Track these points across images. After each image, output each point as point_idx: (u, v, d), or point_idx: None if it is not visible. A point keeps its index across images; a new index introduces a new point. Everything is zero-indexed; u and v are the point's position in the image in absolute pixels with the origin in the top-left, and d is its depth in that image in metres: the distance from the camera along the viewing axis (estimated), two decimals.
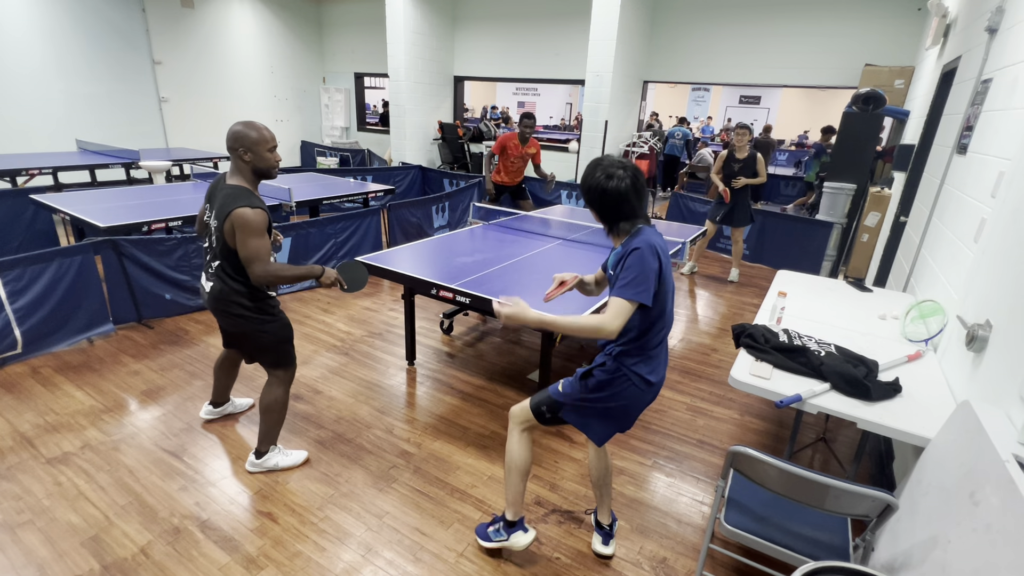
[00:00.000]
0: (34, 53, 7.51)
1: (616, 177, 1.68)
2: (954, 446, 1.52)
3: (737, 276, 5.66)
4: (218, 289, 2.24)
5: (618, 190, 1.68)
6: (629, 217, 1.73)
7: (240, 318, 2.27)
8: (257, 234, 2.11)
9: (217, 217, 2.16)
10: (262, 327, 2.30)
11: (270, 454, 2.49)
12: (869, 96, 5.38)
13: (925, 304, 2.39)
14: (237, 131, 2.15)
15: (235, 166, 2.21)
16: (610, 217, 1.75)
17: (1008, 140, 2.16)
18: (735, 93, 19.69)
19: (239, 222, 2.08)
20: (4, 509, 2.19)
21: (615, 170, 1.69)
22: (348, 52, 11.24)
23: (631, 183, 1.69)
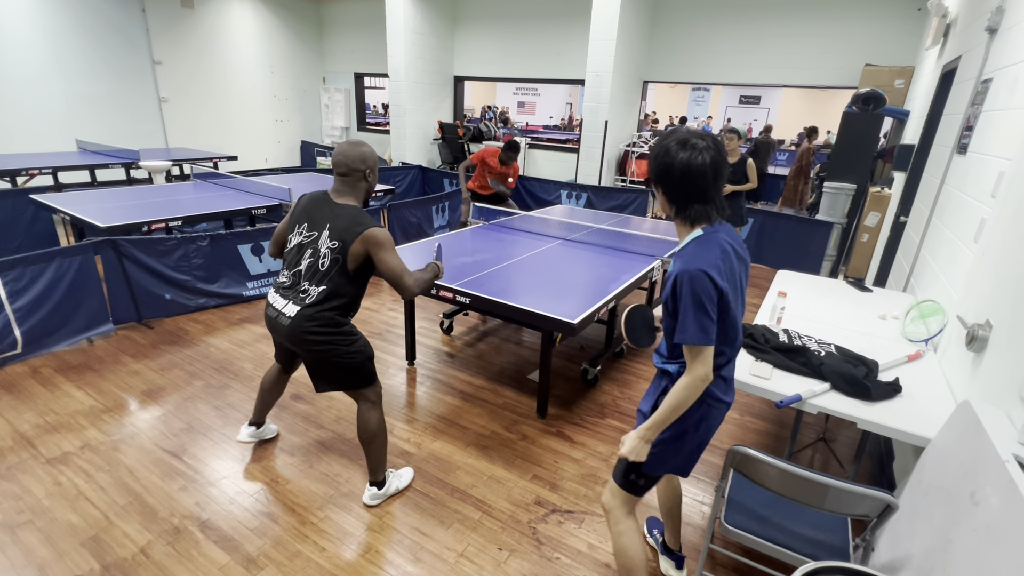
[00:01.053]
0: (34, 53, 7.51)
1: (695, 148, 1.39)
2: (954, 446, 1.52)
3: None
4: (310, 313, 2.06)
5: (689, 164, 1.39)
6: (698, 201, 1.44)
7: (328, 343, 2.11)
8: (395, 251, 2.11)
9: (338, 238, 2.05)
10: (350, 348, 2.16)
11: (388, 480, 2.37)
12: (869, 96, 5.38)
13: (925, 304, 2.39)
14: (365, 152, 2.12)
15: (346, 186, 2.13)
16: (673, 198, 1.47)
17: (1008, 140, 2.16)
18: (735, 93, 19.69)
19: (379, 241, 2.05)
20: (4, 509, 2.19)
21: (696, 140, 1.40)
22: (348, 52, 11.24)
23: (711, 159, 1.39)
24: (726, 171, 1.44)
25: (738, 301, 1.50)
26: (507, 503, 2.36)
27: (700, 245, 1.44)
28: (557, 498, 2.41)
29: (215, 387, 3.17)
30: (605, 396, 3.27)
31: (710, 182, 1.41)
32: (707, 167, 1.39)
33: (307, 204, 2.18)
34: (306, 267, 2.10)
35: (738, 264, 1.50)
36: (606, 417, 3.05)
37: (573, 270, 3.35)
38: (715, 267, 1.40)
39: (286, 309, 2.11)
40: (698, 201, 1.44)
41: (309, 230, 2.12)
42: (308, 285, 2.09)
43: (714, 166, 1.40)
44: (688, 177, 1.40)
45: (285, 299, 2.13)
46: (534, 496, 2.41)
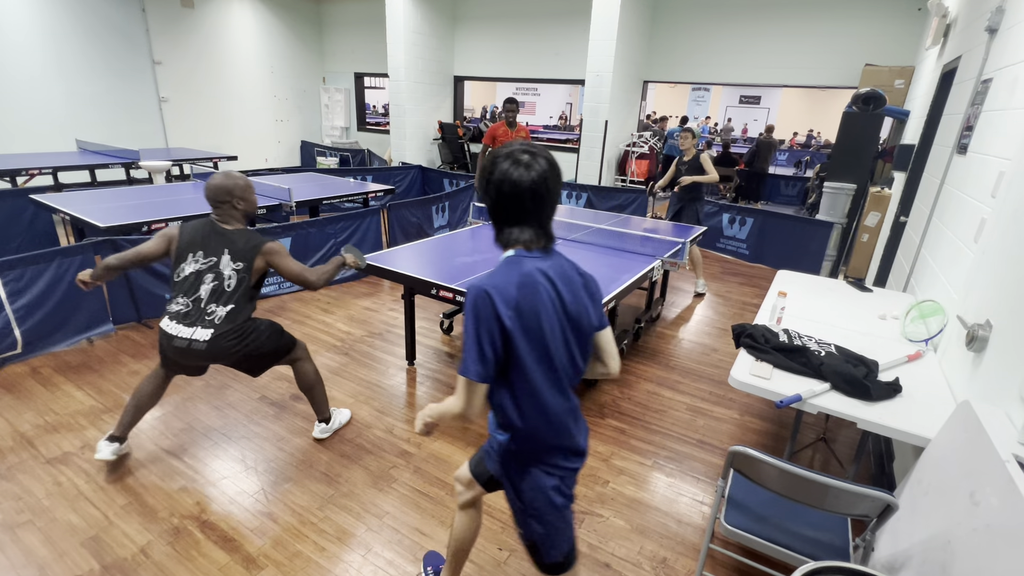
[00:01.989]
0: (34, 53, 7.51)
1: (518, 164, 1.22)
2: (954, 446, 1.52)
3: (704, 287, 5.24)
4: (225, 330, 2.25)
5: (504, 180, 1.23)
6: (514, 222, 1.27)
7: (247, 345, 2.33)
8: (289, 255, 2.38)
9: (241, 259, 2.28)
10: (262, 336, 2.39)
11: (333, 416, 2.79)
12: (869, 96, 5.38)
13: (925, 304, 2.39)
14: (223, 183, 2.27)
15: (226, 214, 2.31)
16: (491, 215, 1.31)
17: (1008, 140, 2.16)
18: (735, 93, 19.71)
19: (276, 251, 2.33)
20: (4, 509, 2.19)
21: (524, 156, 1.23)
22: (348, 52, 11.25)
23: (533, 178, 1.21)
24: (553, 193, 1.26)
25: (543, 349, 1.24)
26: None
27: (504, 266, 1.26)
28: None
29: (215, 387, 3.17)
30: (605, 396, 3.27)
31: (527, 202, 1.23)
32: (525, 185, 1.21)
33: (195, 234, 2.31)
34: (210, 291, 2.26)
35: (555, 303, 1.25)
36: (606, 417, 3.05)
37: None
38: (503, 294, 1.20)
39: (197, 335, 2.24)
40: (514, 222, 1.27)
41: (205, 257, 2.28)
42: (215, 307, 2.26)
43: (534, 185, 1.21)
44: (502, 194, 1.24)
45: (191, 326, 2.25)
46: None
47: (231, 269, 2.27)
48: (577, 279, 1.33)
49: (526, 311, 1.21)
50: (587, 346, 1.37)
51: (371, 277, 5.08)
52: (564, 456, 1.39)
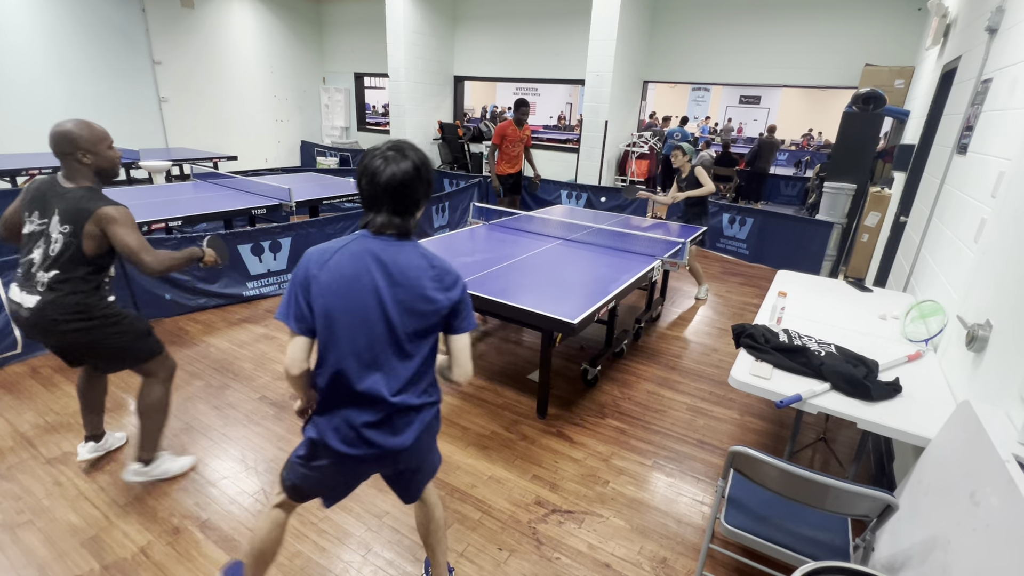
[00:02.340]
0: (34, 53, 7.51)
1: (377, 157, 1.37)
2: (954, 446, 1.52)
3: (705, 292, 5.17)
4: (49, 301, 1.99)
5: (364, 170, 1.37)
6: (367, 206, 1.41)
7: (78, 330, 2.05)
8: (135, 227, 2.03)
9: (69, 222, 1.98)
10: (111, 331, 2.10)
11: (158, 460, 2.35)
12: (869, 96, 5.38)
13: (925, 304, 2.39)
14: (67, 131, 1.98)
15: (71, 170, 2.03)
16: (361, 201, 1.44)
17: (1008, 140, 2.16)
18: (735, 93, 19.70)
19: (112, 218, 1.99)
20: (4, 509, 2.19)
21: (389, 152, 1.38)
22: (348, 52, 11.24)
23: (389, 173, 1.35)
24: (411, 189, 1.37)
25: (347, 321, 1.35)
26: (507, 503, 2.36)
27: (346, 237, 1.42)
28: (557, 498, 2.41)
29: (215, 387, 3.17)
30: (605, 396, 3.27)
31: (380, 192, 1.35)
32: (382, 179, 1.34)
33: (36, 191, 2.06)
34: (40, 255, 2.01)
35: (377, 284, 1.35)
36: (606, 417, 3.05)
37: (573, 270, 3.35)
38: (321, 256, 1.36)
39: (24, 300, 2.02)
40: (369, 207, 1.40)
41: (40, 218, 2.02)
42: (41, 273, 2.00)
43: (391, 180, 1.34)
44: (362, 182, 1.38)
45: (22, 290, 2.04)
46: (534, 496, 2.41)
47: (59, 232, 1.99)
48: (425, 272, 1.39)
49: (336, 278, 1.34)
50: (421, 339, 1.41)
51: None
52: (346, 441, 1.43)
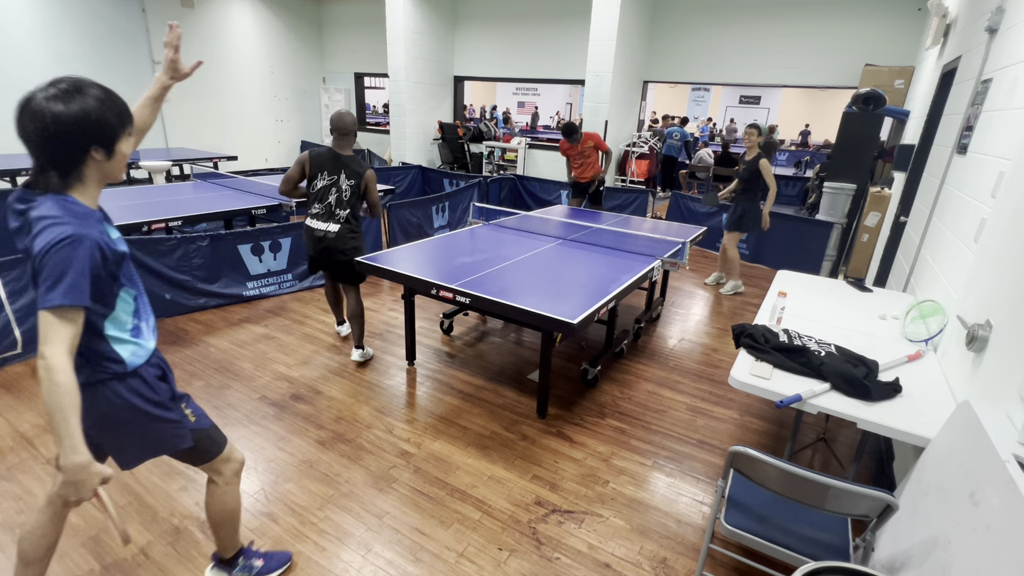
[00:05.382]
0: (34, 53, 7.51)
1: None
2: (954, 446, 1.52)
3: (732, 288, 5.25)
4: (344, 230, 3.25)
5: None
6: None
7: (354, 248, 3.30)
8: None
9: (353, 177, 3.22)
10: (359, 246, 3.35)
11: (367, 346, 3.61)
12: (869, 96, 5.38)
13: (925, 304, 2.40)
14: (353, 118, 3.27)
15: (344, 142, 3.24)
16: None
17: (1008, 140, 2.16)
18: (735, 93, 19.72)
19: (372, 178, 3.28)
20: (4, 509, 2.19)
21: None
22: (348, 52, 11.25)
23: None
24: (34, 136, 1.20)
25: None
26: (507, 503, 2.36)
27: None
28: (557, 498, 2.41)
29: (215, 387, 3.17)
30: (605, 396, 3.27)
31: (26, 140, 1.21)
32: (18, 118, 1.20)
33: (320, 159, 3.24)
34: (335, 200, 3.24)
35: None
36: (606, 417, 3.05)
37: (573, 270, 3.35)
38: None
39: (329, 228, 3.24)
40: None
41: (330, 175, 3.23)
42: (339, 211, 3.25)
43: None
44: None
45: (325, 222, 3.25)
46: (534, 496, 2.41)
47: (347, 184, 3.22)
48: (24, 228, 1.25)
49: None
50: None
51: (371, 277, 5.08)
52: None
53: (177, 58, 1.66)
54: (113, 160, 1.31)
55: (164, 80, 1.66)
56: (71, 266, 1.17)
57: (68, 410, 1.17)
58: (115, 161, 1.32)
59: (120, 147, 1.31)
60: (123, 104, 1.33)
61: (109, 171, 1.32)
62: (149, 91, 1.64)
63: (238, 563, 1.85)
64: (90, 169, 1.28)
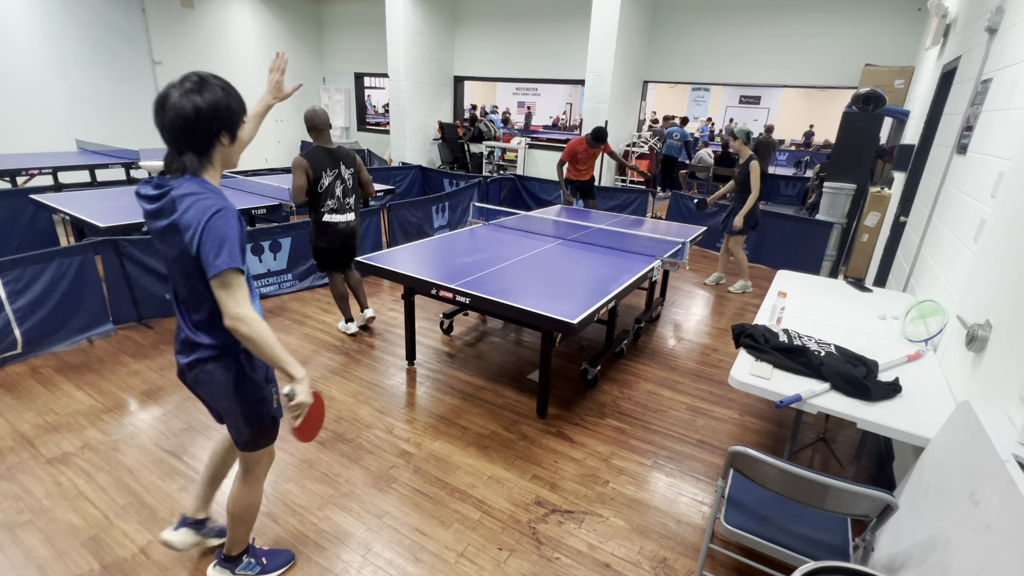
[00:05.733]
0: (34, 53, 7.51)
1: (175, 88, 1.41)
2: (954, 446, 1.52)
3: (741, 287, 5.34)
4: (358, 215, 3.64)
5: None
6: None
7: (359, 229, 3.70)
8: None
9: (350, 166, 3.54)
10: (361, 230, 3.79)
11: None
12: (869, 96, 5.38)
13: (925, 304, 2.39)
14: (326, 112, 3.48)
15: (326, 136, 3.47)
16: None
17: (1008, 140, 2.16)
18: (735, 93, 19.70)
19: (362, 163, 3.66)
20: (4, 509, 2.19)
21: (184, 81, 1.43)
22: (348, 52, 11.25)
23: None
24: (180, 121, 1.37)
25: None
26: (507, 503, 2.36)
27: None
28: (557, 498, 2.41)
29: None
30: (605, 396, 3.27)
31: (161, 129, 1.40)
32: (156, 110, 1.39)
33: (319, 159, 3.40)
34: (341, 191, 3.52)
35: (157, 232, 1.44)
36: (606, 417, 3.05)
37: (573, 270, 3.35)
38: None
39: (347, 218, 3.58)
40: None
41: (331, 169, 3.45)
42: (349, 200, 3.58)
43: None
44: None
45: (342, 214, 3.55)
46: (534, 496, 2.41)
47: (348, 174, 3.54)
48: (168, 207, 1.39)
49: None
50: (181, 271, 1.44)
51: (371, 277, 5.08)
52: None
53: (281, 80, 1.88)
54: (235, 145, 1.49)
55: (268, 99, 1.88)
56: (227, 233, 1.35)
57: (275, 343, 1.40)
58: (236, 146, 1.50)
59: (240, 133, 1.49)
60: (240, 95, 1.49)
61: (229, 156, 1.50)
62: (254, 109, 1.81)
63: (242, 561, 1.87)
64: (217, 153, 1.45)
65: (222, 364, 1.53)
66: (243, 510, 1.76)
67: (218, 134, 1.42)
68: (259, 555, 1.91)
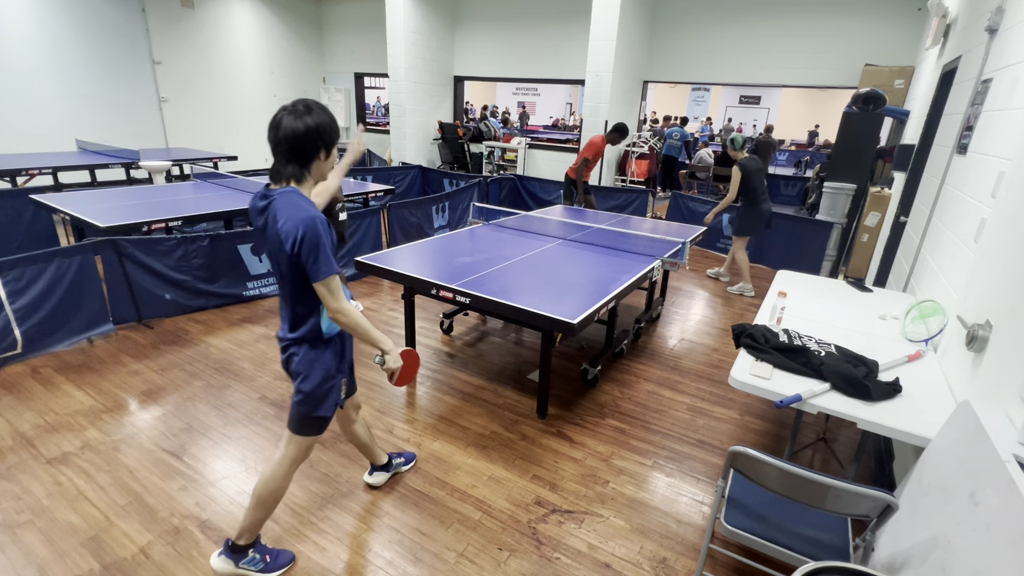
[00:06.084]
0: (34, 53, 7.51)
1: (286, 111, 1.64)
2: (954, 446, 1.52)
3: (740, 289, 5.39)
4: None
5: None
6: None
7: None
8: None
9: None
10: None
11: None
12: (869, 96, 5.38)
13: (925, 304, 2.40)
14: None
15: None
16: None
17: (1008, 140, 2.16)
18: (735, 93, 19.71)
19: None
20: (4, 509, 2.19)
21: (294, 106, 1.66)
22: (348, 52, 11.25)
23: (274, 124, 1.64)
24: (287, 140, 1.61)
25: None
26: (507, 503, 2.36)
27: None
28: (557, 498, 2.41)
29: (215, 387, 3.17)
30: (605, 396, 3.27)
31: (271, 144, 1.65)
32: (269, 130, 1.64)
33: None
34: None
35: (263, 231, 1.69)
36: (606, 417, 3.05)
37: (573, 270, 3.35)
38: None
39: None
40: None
41: None
42: None
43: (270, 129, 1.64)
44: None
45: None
46: (534, 496, 2.41)
47: None
48: (272, 218, 1.63)
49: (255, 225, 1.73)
50: (283, 270, 1.67)
51: (371, 277, 5.08)
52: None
53: (360, 154, 2.26)
54: (327, 161, 1.72)
55: (349, 161, 2.20)
56: (320, 242, 1.58)
57: (368, 327, 1.71)
58: (328, 162, 1.72)
59: (333, 151, 1.72)
60: (335, 119, 1.71)
61: (321, 170, 1.72)
62: (338, 166, 2.15)
63: (248, 554, 1.91)
64: (314, 167, 1.69)
65: (307, 350, 1.76)
66: (268, 495, 1.85)
67: (319, 149, 1.66)
68: (264, 552, 1.95)
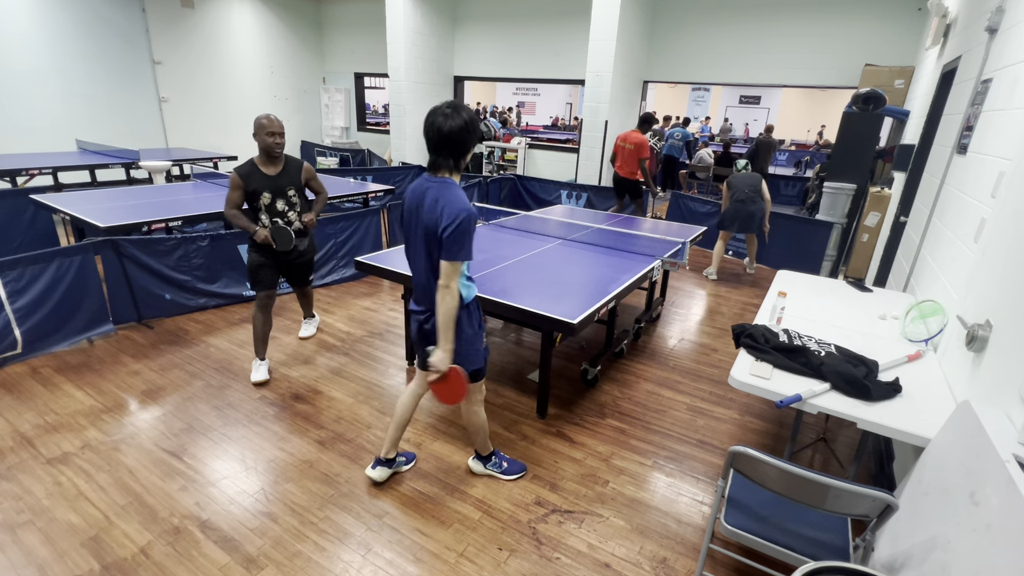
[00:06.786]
0: (34, 53, 7.51)
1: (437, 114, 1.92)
2: (954, 446, 1.52)
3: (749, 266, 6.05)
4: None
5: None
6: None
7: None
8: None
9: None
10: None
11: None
12: (869, 96, 5.37)
13: (925, 304, 2.39)
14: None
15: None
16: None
17: (1008, 140, 2.16)
18: (735, 93, 19.69)
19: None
20: (4, 509, 2.19)
21: (443, 108, 1.92)
22: (348, 52, 11.24)
23: (431, 125, 1.91)
24: (445, 138, 1.89)
25: (408, 233, 2.08)
26: (507, 503, 2.36)
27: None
28: (557, 498, 2.41)
29: (215, 387, 3.17)
30: (605, 396, 3.27)
31: (430, 142, 1.94)
32: (426, 130, 1.93)
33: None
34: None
35: (412, 208, 2.01)
36: (606, 417, 3.05)
37: (573, 270, 3.35)
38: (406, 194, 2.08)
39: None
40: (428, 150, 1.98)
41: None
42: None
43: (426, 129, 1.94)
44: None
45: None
46: (534, 496, 2.41)
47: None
48: (433, 196, 1.94)
49: (404, 206, 2.07)
50: (431, 247, 1.97)
51: (371, 277, 5.08)
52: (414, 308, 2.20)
53: None
54: (469, 156, 1.99)
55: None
56: (467, 233, 1.88)
57: (452, 319, 1.97)
58: (469, 157, 2.00)
59: (472, 148, 1.99)
60: (477, 118, 2.07)
61: (463, 165, 1.99)
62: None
63: (492, 460, 2.51)
64: (461, 161, 1.97)
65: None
66: (474, 426, 2.39)
67: (472, 145, 1.94)
68: (502, 459, 2.52)
